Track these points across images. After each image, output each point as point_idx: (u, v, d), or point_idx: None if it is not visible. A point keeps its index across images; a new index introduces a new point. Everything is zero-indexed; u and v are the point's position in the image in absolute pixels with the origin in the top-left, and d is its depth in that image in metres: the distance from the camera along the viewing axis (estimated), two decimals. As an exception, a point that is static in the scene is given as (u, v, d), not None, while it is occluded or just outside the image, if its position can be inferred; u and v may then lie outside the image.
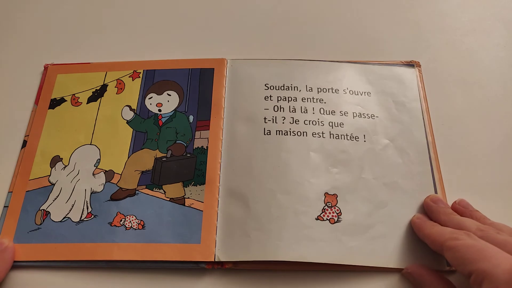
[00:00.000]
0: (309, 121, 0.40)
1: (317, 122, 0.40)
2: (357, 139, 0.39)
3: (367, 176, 0.38)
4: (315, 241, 0.35)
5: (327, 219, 0.36)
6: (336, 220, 0.36)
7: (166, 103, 0.43)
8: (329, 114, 0.41)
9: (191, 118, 0.42)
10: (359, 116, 0.41)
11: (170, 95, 0.43)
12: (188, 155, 0.40)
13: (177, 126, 0.41)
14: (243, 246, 0.35)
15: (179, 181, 0.39)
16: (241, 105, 0.42)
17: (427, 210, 0.36)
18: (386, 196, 0.37)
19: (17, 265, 0.36)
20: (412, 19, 0.49)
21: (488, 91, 0.44)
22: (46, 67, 0.46)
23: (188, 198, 0.38)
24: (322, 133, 0.39)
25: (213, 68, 0.44)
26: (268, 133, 0.40)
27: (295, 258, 0.34)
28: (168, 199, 0.38)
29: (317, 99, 0.41)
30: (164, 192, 0.38)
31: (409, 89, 0.43)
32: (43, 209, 0.38)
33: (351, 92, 0.42)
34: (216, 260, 0.34)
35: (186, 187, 0.38)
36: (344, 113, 0.41)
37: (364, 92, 0.42)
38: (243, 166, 0.38)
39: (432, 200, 0.36)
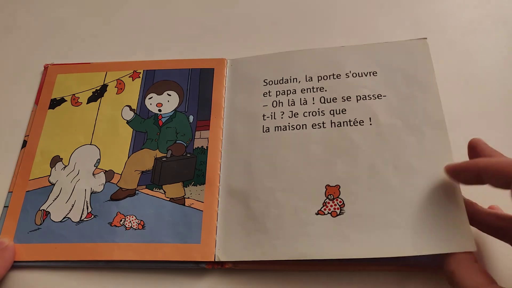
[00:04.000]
0: (309, 112, 0.39)
1: (317, 113, 0.39)
2: (361, 123, 0.37)
3: (374, 161, 0.35)
4: (315, 238, 0.33)
5: (328, 213, 0.34)
6: (338, 213, 0.34)
7: (166, 103, 0.43)
8: (330, 102, 0.39)
9: (191, 118, 0.42)
10: (364, 98, 0.38)
11: (170, 95, 0.43)
12: (188, 155, 0.40)
13: (177, 126, 0.41)
14: (243, 246, 0.35)
15: (179, 181, 0.39)
16: (241, 104, 0.41)
17: (474, 150, 0.32)
18: (396, 181, 0.34)
19: (17, 265, 0.36)
20: (412, 19, 0.49)
21: (488, 91, 0.43)
22: (46, 67, 0.46)
23: (188, 198, 0.38)
24: (323, 123, 0.38)
25: (213, 68, 0.44)
26: (267, 130, 0.39)
27: (294, 256, 0.33)
28: (168, 199, 0.38)
29: (317, 88, 0.40)
30: (164, 192, 0.38)
31: (421, 62, 0.39)
32: (43, 209, 0.38)
33: (354, 75, 0.40)
34: (216, 260, 0.34)
35: (186, 187, 0.38)
36: (347, 98, 0.39)
37: (369, 72, 0.40)
38: (242, 165, 0.38)
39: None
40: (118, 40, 0.49)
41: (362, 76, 0.40)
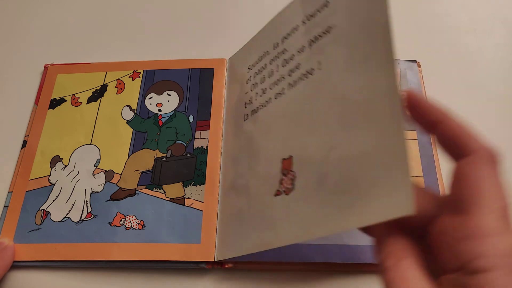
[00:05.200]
0: (273, 82, 0.34)
1: (280, 80, 0.34)
2: (311, 73, 0.30)
3: (320, 116, 0.28)
4: (274, 223, 0.29)
5: (283, 192, 0.29)
6: (291, 189, 0.29)
7: (166, 103, 0.43)
8: (289, 62, 0.33)
9: (191, 118, 0.42)
10: (315, 40, 0.30)
11: (170, 95, 0.43)
12: (188, 155, 0.40)
13: (177, 126, 0.41)
14: (230, 243, 0.34)
15: (179, 181, 0.38)
16: (234, 99, 0.41)
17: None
18: (341, 133, 0.25)
19: (17, 265, 0.36)
20: (412, 19, 0.49)
21: (488, 91, 0.44)
22: (46, 67, 0.46)
23: (188, 198, 0.38)
24: (282, 89, 0.33)
25: (213, 68, 0.44)
26: (246, 118, 0.37)
27: (261, 247, 0.29)
28: (168, 199, 0.38)
29: (280, 52, 0.34)
30: (164, 192, 0.38)
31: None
32: (43, 209, 0.38)
33: (308, 18, 0.32)
34: (216, 260, 0.34)
35: (186, 187, 0.38)
36: (301, 49, 0.32)
37: (321, 6, 0.31)
38: (231, 161, 0.38)
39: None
40: (118, 40, 0.49)
41: (315, 14, 0.31)
